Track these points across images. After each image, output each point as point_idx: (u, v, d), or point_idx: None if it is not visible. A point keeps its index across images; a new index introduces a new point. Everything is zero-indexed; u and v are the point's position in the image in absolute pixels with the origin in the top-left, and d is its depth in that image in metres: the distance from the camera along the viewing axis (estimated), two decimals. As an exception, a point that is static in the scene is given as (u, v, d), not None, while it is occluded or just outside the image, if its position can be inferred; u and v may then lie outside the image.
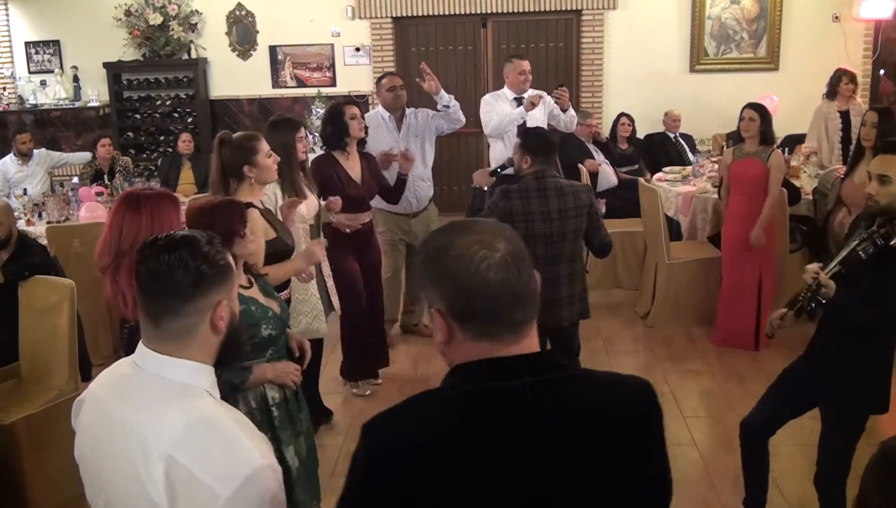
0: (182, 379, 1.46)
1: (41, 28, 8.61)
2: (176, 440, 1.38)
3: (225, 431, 1.41)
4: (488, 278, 1.20)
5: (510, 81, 5.46)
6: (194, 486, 1.36)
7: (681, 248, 5.58)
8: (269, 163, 3.19)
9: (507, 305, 1.22)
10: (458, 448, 1.18)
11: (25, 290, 3.82)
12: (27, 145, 6.88)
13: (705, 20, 8.07)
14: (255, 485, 1.36)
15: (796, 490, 3.49)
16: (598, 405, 1.27)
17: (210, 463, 1.36)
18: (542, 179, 3.51)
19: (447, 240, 1.25)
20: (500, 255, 1.21)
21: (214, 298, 1.47)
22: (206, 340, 1.48)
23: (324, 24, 8.36)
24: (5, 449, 3.38)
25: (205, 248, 1.48)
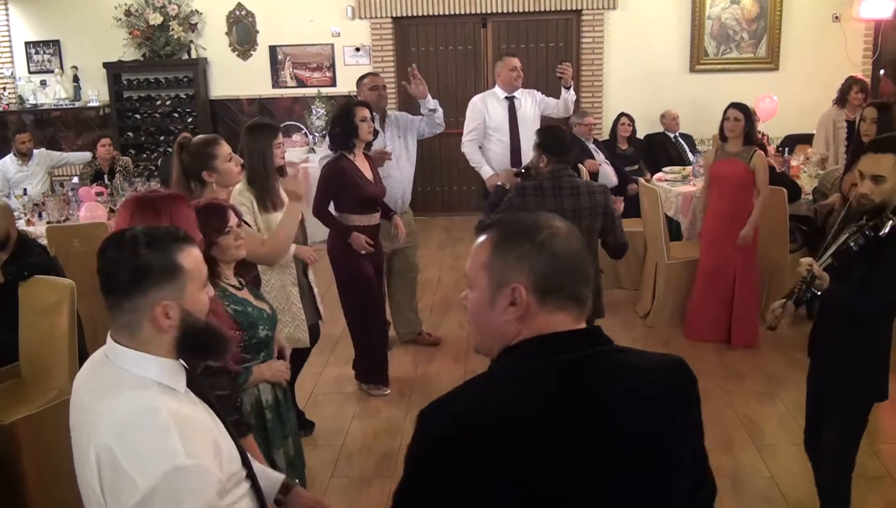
0: (137, 371, 1.51)
1: (41, 28, 8.61)
2: (114, 429, 1.44)
3: (156, 424, 1.44)
4: (576, 255, 1.32)
5: (502, 79, 5.45)
6: (119, 476, 1.40)
7: (681, 248, 5.58)
8: (229, 167, 3.10)
9: (584, 282, 1.33)
10: (534, 422, 1.21)
11: (25, 290, 3.81)
12: (27, 145, 6.88)
13: (705, 20, 8.08)
14: (173, 483, 1.39)
15: (796, 490, 3.49)
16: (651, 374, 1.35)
17: (135, 456, 1.41)
18: (559, 178, 3.55)
19: (531, 219, 1.35)
20: (575, 235, 1.35)
21: (155, 297, 1.49)
22: (152, 337, 1.51)
23: (324, 24, 8.36)
24: (5, 449, 3.38)
25: (142, 249, 1.50)
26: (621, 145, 6.94)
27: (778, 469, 3.68)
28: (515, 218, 1.36)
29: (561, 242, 1.30)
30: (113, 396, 1.49)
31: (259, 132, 3.62)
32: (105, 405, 1.48)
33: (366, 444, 4.04)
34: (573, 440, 1.21)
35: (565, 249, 1.30)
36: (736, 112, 4.77)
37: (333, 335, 5.22)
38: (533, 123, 5.52)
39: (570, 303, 1.31)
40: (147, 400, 1.48)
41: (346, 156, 4.22)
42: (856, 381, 2.76)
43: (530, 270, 1.29)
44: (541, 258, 1.29)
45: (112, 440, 1.43)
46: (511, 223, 1.34)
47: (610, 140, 7.05)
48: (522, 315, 1.29)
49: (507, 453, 1.18)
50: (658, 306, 5.48)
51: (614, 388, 1.28)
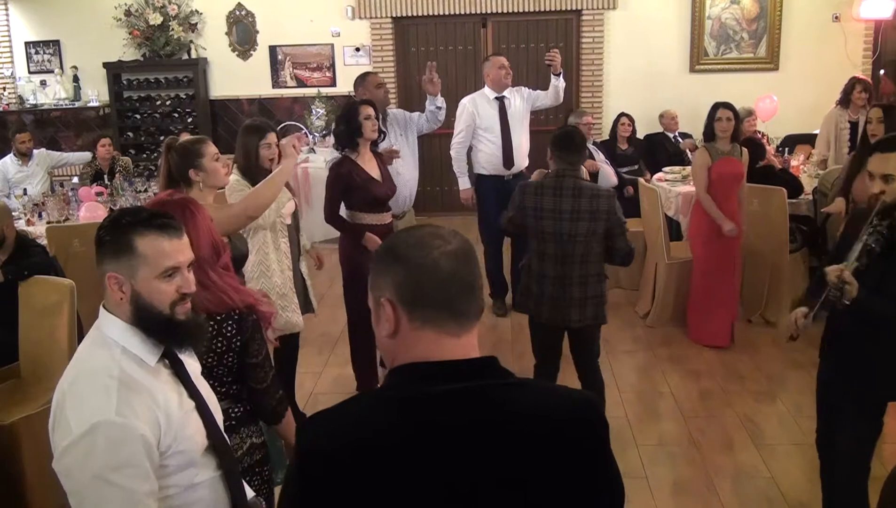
0: (105, 331, 1.70)
1: (41, 28, 8.61)
2: (70, 377, 1.65)
3: (99, 381, 1.61)
4: (440, 264, 1.25)
5: (491, 78, 5.46)
6: (62, 420, 1.59)
7: (681, 248, 5.58)
8: (216, 166, 3.08)
9: (455, 293, 1.26)
10: (388, 449, 1.21)
11: (25, 290, 3.81)
12: (26, 145, 6.88)
13: (705, 20, 8.08)
14: (93, 435, 1.55)
15: (796, 490, 3.49)
16: (534, 411, 1.26)
17: (76, 403, 1.59)
18: (561, 179, 3.50)
19: (405, 233, 1.33)
20: (451, 247, 1.27)
21: (106, 267, 1.68)
22: (114, 304, 1.70)
23: (324, 25, 8.36)
24: (5, 449, 3.38)
25: (107, 223, 1.73)
26: (621, 145, 6.94)
27: (778, 469, 3.68)
28: (397, 234, 1.35)
29: (428, 252, 1.25)
30: (84, 348, 1.71)
31: (249, 132, 3.71)
32: (76, 355, 1.71)
33: (366, 444, 4.04)
34: (412, 475, 1.20)
35: (432, 259, 1.25)
36: (728, 112, 4.82)
37: (333, 335, 5.22)
38: (523, 120, 5.54)
39: (440, 316, 1.25)
40: (103, 359, 1.66)
41: (350, 158, 4.19)
42: (873, 381, 2.74)
43: (392, 282, 1.27)
44: (400, 270, 1.26)
45: (67, 386, 1.63)
46: (390, 239, 1.34)
47: (610, 140, 7.05)
48: (394, 331, 1.27)
49: (350, 476, 1.20)
50: (658, 306, 5.48)
51: (480, 428, 1.22)
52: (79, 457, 1.56)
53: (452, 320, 1.26)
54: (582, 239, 3.47)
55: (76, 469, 1.56)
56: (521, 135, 5.52)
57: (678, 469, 3.75)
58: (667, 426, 4.14)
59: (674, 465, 3.78)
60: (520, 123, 5.51)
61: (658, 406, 4.37)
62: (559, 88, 5.49)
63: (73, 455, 1.56)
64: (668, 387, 4.55)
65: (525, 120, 5.57)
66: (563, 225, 3.46)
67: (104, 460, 1.56)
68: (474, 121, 5.47)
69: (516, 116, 5.48)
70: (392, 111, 5.08)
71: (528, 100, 5.57)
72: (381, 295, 1.28)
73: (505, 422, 1.23)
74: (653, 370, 4.79)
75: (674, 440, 4.00)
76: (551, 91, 5.51)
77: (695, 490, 3.57)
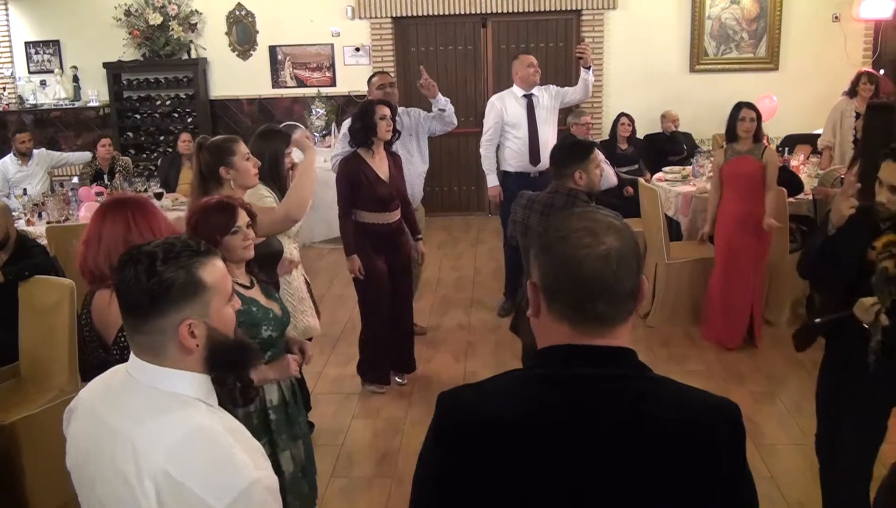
0: (174, 389, 1.42)
1: (41, 28, 8.61)
2: (169, 452, 1.35)
3: (219, 442, 1.38)
4: (583, 264, 1.22)
5: (520, 77, 5.49)
6: (187, 499, 1.33)
7: (681, 248, 5.58)
8: (247, 166, 3.09)
9: (593, 295, 1.22)
10: (518, 429, 1.21)
11: (25, 290, 3.81)
12: (26, 145, 6.88)
13: (705, 20, 8.07)
14: (249, 499, 1.34)
15: (796, 490, 3.49)
16: (675, 410, 1.25)
17: (203, 477, 1.34)
18: (554, 195, 3.23)
19: (563, 221, 1.28)
20: (603, 248, 1.22)
21: (177, 317, 1.40)
22: (179, 358, 1.43)
23: (324, 24, 8.36)
24: (5, 449, 3.38)
25: (159, 266, 1.40)
26: (621, 145, 6.94)
27: (778, 469, 3.67)
28: (558, 219, 1.30)
29: (574, 251, 1.22)
30: (157, 416, 1.39)
31: (274, 138, 3.67)
32: (146, 428, 1.38)
33: (366, 444, 4.05)
34: (552, 454, 1.20)
35: (576, 259, 1.21)
36: (751, 112, 4.78)
37: (333, 335, 5.22)
38: (551, 116, 5.57)
39: (576, 315, 1.24)
40: (199, 418, 1.40)
41: (360, 154, 4.25)
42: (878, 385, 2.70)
43: (538, 269, 1.27)
44: (545, 260, 1.25)
45: (168, 464, 1.34)
46: (551, 222, 1.31)
47: (610, 140, 7.06)
48: (535, 313, 1.29)
49: (492, 449, 1.20)
50: (658, 306, 5.48)
51: (617, 417, 1.22)
52: None
53: (588, 321, 1.24)
54: None
55: None
56: (548, 132, 5.53)
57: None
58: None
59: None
60: (547, 120, 5.54)
61: (658, 406, 4.37)
62: (589, 81, 5.53)
63: None
64: (668, 387, 4.55)
65: (553, 117, 5.60)
66: None
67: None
68: (502, 118, 5.51)
69: (544, 114, 5.52)
70: (403, 111, 5.11)
71: (557, 97, 5.59)
72: (531, 276, 1.29)
73: (648, 416, 1.23)
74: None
75: (674, 440, 4.00)
76: (580, 85, 5.54)
77: (695, 490, 3.57)
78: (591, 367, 1.24)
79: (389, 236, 4.38)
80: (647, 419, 1.22)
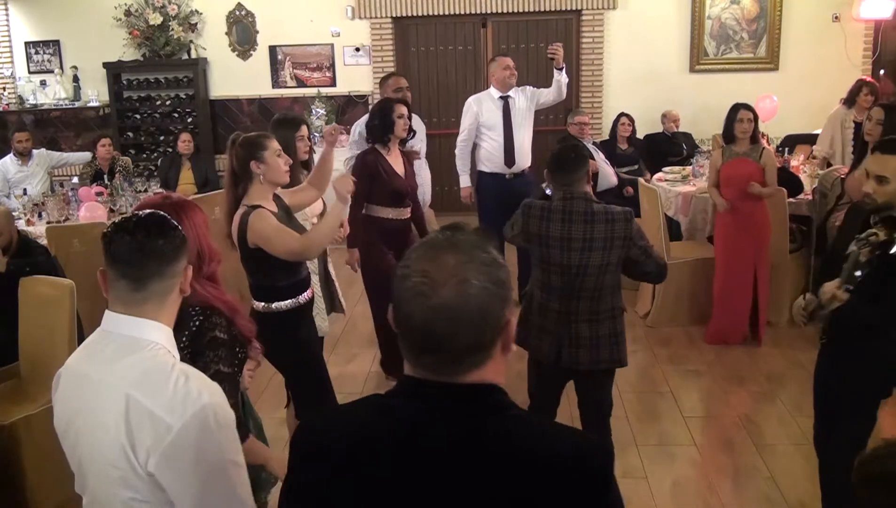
0: (146, 336, 1.65)
1: (41, 28, 8.61)
2: (134, 381, 1.58)
3: (175, 372, 1.60)
4: (413, 315, 1.15)
5: (496, 79, 5.54)
6: (151, 420, 1.54)
7: (681, 248, 5.59)
8: (278, 162, 3.08)
9: (422, 349, 1.17)
10: (377, 453, 1.20)
11: (25, 289, 3.81)
12: (24, 144, 6.86)
13: (705, 20, 8.07)
14: (202, 419, 1.55)
15: (796, 490, 3.49)
16: (528, 451, 1.16)
17: (164, 400, 1.55)
18: (570, 201, 3.04)
19: (413, 257, 1.19)
20: (435, 301, 1.13)
21: (184, 262, 1.73)
22: (177, 299, 1.73)
23: (324, 24, 8.35)
24: (5, 449, 3.38)
25: (172, 222, 1.73)
26: (621, 145, 6.94)
27: (778, 469, 3.68)
28: (414, 250, 1.21)
29: (406, 291, 1.15)
30: (126, 356, 1.63)
31: (284, 125, 3.79)
32: (120, 364, 1.61)
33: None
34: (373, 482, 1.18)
35: (407, 301, 1.15)
36: (749, 113, 4.81)
37: (334, 335, 5.22)
38: (526, 118, 5.60)
39: (410, 358, 1.19)
40: (163, 357, 1.64)
41: (377, 150, 4.33)
42: (868, 378, 2.75)
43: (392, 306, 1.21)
44: (393, 298, 1.19)
45: (135, 389, 1.56)
46: (407, 253, 1.22)
47: (610, 140, 7.06)
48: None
49: (321, 472, 1.23)
50: (658, 306, 5.48)
51: (451, 452, 1.16)
52: (192, 442, 1.55)
53: (422, 368, 1.19)
54: (593, 271, 3.03)
55: (193, 453, 1.55)
56: (523, 134, 5.57)
57: (678, 469, 3.75)
58: (667, 427, 4.14)
59: (674, 465, 3.78)
60: (523, 122, 5.56)
61: (658, 406, 4.37)
62: (562, 82, 5.52)
63: (182, 446, 1.54)
64: (668, 387, 4.55)
65: (528, 119, 5.62)
66: (572, 255, 3.02)
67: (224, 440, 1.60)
68: (477, 119, 5.54)
69: (520, 116, 5.54)
70: (415, 115, 5.13)
71: (532, 98, 5.61)
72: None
73: (490, 455, 1.15)
74: (653, 369, 4.79)
75: (674, 441, 4.00)
76: (554, 86, 5.54)
77: (695, 490, 3.57)
78: (434, 401, 1.17)
79: (401, 232, 4.45)
80: (485, 459, 1.14)
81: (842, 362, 2.83)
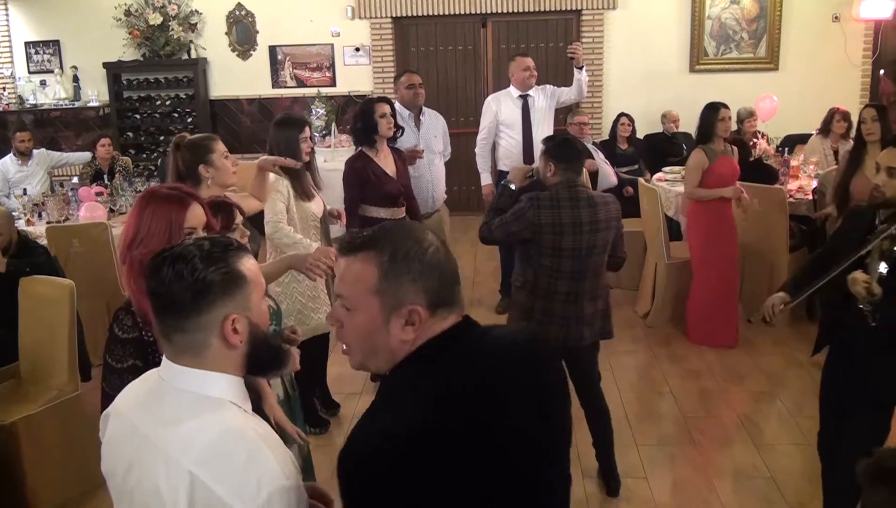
0: (207, 392, 1.40)
1: (41, 28, 8.61)
2: (198, 456, 1.33)
3: (249, 446, 1.34)
4: (451, 263, 1.39)
5: (515, 79, 5.55)
6: (215, 504, 1.31)
7: (681, 248, 5.58)
8: (226, 164, 3.09)
9: (457, 283, 1.41)
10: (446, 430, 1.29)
11: (25, 289, 3.81)
12: (25, 144, 6.87)
13: (705, 20, 8.07)
14: (278, 502, 1.31)
15: (796, 490, 3.49)
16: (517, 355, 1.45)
17: (231, 481, 1.31)
18: (574, 189, 3.26)
19: (410, 241, 1.36)
20: (442, 245, 1.40)
21: (220, 312, 1.39)
22: (223, 354, 1.41)
23: (324, 24, 8.36)
24: (5, 449, 3.38)
25: (199, 262, 1.39)
26: (621, 145, 6.94)
27: (778, 469, 3.68)
28: (393, 236, 1.36)
29: (440, 254, 1.37)
30: (187, 420, 1.37)
31: (288, 126, 3.81)
32: (176, 431, 1.36)
33: (366, 444, 4.04)
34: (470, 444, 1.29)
35: (444, 259, 1.37)
36: (729, 112, 4.83)
37: (333, 334, 5.21)
38: (546, 117, 5.61)
39: (455, 306, 1.39)
40: (230, 421, 1.37)
41: (366, 153, 4.31)
42: (884, 383, 2.72)
43: (423, 289, 1.33)
44: (433, 276, 1.34)
45: (197, 467, 1.32)
46: (394, 244, 1.34)
47: (609, 140, 7.06)
48: (418, 330, 1.34)
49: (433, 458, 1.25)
50: (658, 306, 5.48)
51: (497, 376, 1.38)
52: None
53: (459, 306, 1.41)
54: (599, 250, 3.29)
55: None
56: (543, 132, 5.56)
57: (678, 469, 3.75)
58: (667, 427, 4.14)
59: (674, 465, 3.78)
60: (542, 120, 5.58)
61: (658, 406, 4.37)
62: (582, 81, 5.58)
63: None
64: (668, 387, 4.55)
65: (548, 117, 5.65)
66: (582, 238, 3.23)
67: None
68: (496, 118, 5.55)
69: (539, 114, 5.56)
70: (428, 111, 5.16)
71: (552, 97, 5.64)
72: (408, 302, 1.33)
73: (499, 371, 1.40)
74: (653, 370, 4.79)
75: (674, 441, 4.00)
76: (574, 85, 5.60)
77: (695, 490, 3.57)
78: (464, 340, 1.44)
79: None
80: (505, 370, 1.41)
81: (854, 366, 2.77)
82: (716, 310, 5.02)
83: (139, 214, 2.04)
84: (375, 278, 1.32)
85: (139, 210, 2.05)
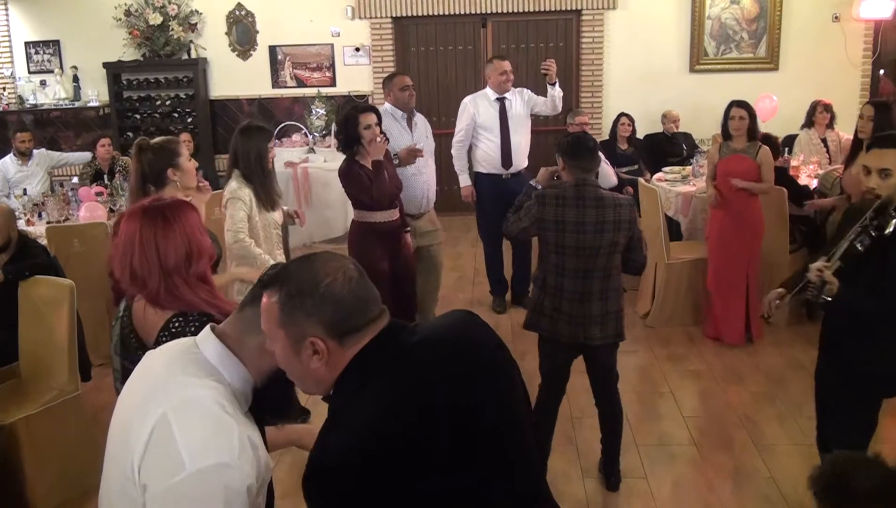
0: (221, 368, 1.52)
1: (41, 28, 8.61)
2: (177, 401, 1.44)
3: (222, 418, 1.43)
4: (357, 291, 1.42)
5: (492, 82, 5.54)
6: (168, 449, 1.39)
7: (681, 248, 5.58)
8: (190, 166, 3.10)
9: (370, 306, 1.44)
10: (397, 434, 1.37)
11: (25, 290, 3.81)
12: (26, 144, 6.87)
13: (705, 20, 8.07)
14: (219, 475, 1.38)
15: (796, 490, 3.49)
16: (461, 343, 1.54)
17: (192, 436, 1.40)
18: (582, 188, 3.28)
19: (310, 273, 1.41)
20: (353, 271, 1.44)
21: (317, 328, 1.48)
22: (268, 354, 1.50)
23: (324, 24, 8.36)
24: (5, 449, 3.38)
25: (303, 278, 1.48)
26: (621, 145, 6.94)
27: (778, 469, 3.68)
28: (290, 274, 1.43)
29: (339, 284, 1.40)
30: (190, 375, 1.49)
31: (257, 134, 3.74)
32: (179, 379, 1.49)
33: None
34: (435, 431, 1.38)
35: (346, 289, 1.40)
36: (741, 111, 4.79)
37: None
38: (523, 121, 5.61)
39: (368, 329, 1.42)
40: (220, 395, 1.48)
41: (356, 160, 4.30)
42: (868, 378, 2.75)
43: (319, 322, 1.39)
44: (326, 309, 1.39)
45: (172, 412, 1.42)
46: (290, 281, 1.41)
47: (609, 140, 7.05)
48: (328, 360, 1.40)
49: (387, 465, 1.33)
50: (658, 306, 5.48)
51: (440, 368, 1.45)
52: (190, 496, 1.38)
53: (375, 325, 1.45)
54: (605, 252, 3.28)
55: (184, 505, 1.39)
56: (520, 135, 5.57)
57: (678, 469, 3.75)
58: (667, 426, 4.14)
59: (674, 465, 3.78)
60: (520, 123, 5.56)
61: (658, 406, 4.37)
62: (556, 97, 5.56)
63: (184, 493, 1.38)
64: (668, 387, 4.55)
65: (525, 121, 5.62)
66: (585, 238, 3.24)
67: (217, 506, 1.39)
68: (474, 120, 5.52)
69: (516, 117, 5.53)
70: (419, 114, 5.14)
71: (528, 103, 5.62)
72: (308, 334, 1.39)
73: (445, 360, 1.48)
74: (653, 369, 4.79)
75: (674, 440, 4.00)
76: (549, 100, 5.59)
77: (695, 490, 3.57)
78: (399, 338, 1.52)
79: (394, 233, 4.45)
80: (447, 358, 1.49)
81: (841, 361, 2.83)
82: (725, 308, 5.03)
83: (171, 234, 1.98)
84: (276, 312, 1.41)
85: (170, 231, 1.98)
